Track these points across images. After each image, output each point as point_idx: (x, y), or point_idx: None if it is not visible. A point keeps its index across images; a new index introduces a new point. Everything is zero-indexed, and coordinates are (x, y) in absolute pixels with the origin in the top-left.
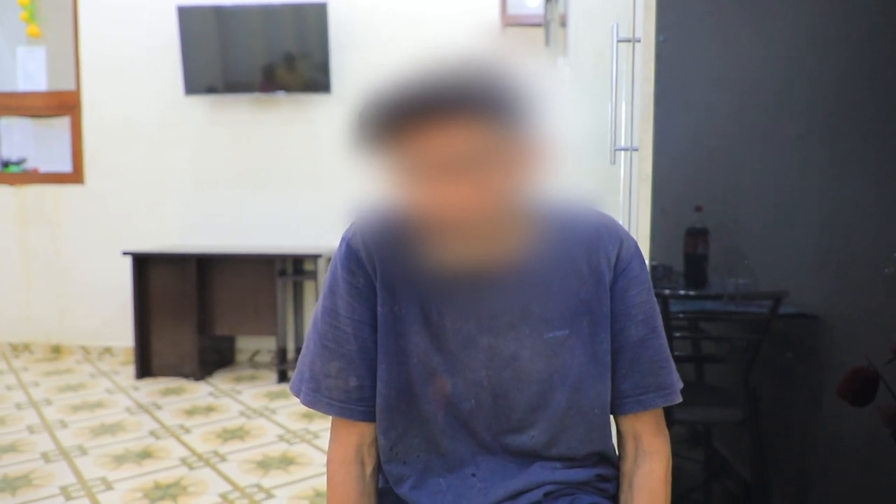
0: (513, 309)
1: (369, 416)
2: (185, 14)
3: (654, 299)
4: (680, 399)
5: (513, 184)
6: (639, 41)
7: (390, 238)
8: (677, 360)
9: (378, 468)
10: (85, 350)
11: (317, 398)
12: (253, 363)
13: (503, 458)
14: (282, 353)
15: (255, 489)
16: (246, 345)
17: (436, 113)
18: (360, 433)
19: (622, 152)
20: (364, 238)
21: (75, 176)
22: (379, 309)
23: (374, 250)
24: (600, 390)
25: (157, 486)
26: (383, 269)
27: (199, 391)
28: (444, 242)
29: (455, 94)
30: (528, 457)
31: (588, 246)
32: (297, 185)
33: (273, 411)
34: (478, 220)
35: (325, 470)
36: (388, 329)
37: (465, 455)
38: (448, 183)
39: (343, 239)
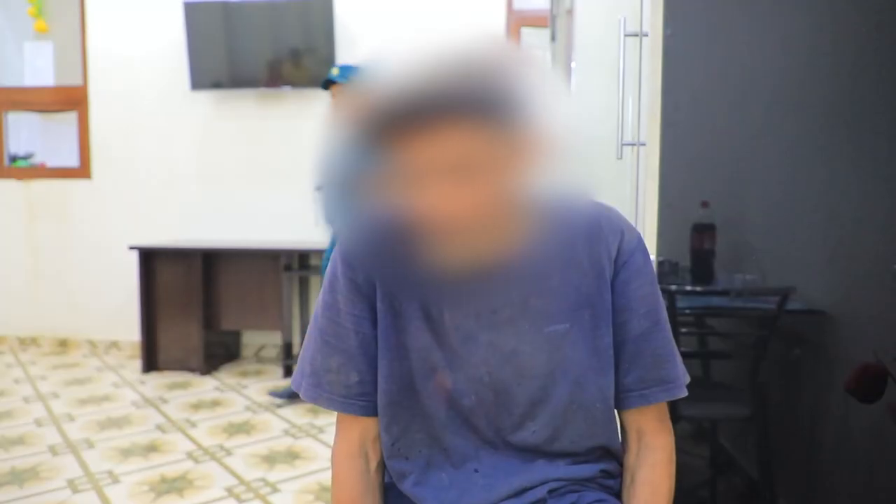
0: (512, 304)
1: (371, 411)
2: (191, 9)
3: (659, 292)
4: (685, 393)
5: (513, 183)
6: (646, 35)
7: (390, 234)
8: (683, 356)
9: (383, 463)
10: (92, 344)
11: (318, 393)
12: (258, 358)
13: (506, 454)
14: (287, 348)
15: (261, 483)
16: (252, 339)
17: (434, 116)
18: (364, 428)
19: (629, 147)
20: (363, 234)
21: (82, 170)
22: (378, 304)
23: (373, 246)
24: (602, 385)
25: (164, 480)
26: (383, 264)
27: (205, 385)
28: (445, 244)
29: (453, 97)
30: (531, 452)
31: (589, 239)
32: (303, 180)
33: (278, 406)
34: (479, 222)
35: (330, 464)
36: (389, 325)
37: (467, 450)
38: (448, 186)
39: (343, 235)
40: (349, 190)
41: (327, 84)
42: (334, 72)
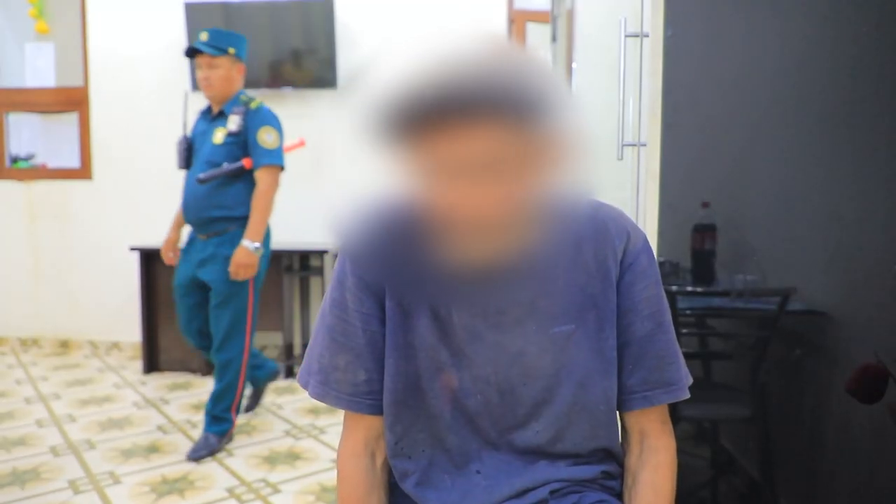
0: (520, 304)
1: (378, 410)
2: (192, 10)
3: (663, 294)
4: (688, 395)
5: (535, 183)
6: (647, 36)
7: (399, 232)
8: (684, 357)
9: None
10: (93, 345)
11: (325, 391)
12: None
13: (508, 456)
14: (288, 349)
15: (262, 484)
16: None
17: (459, 114)
18: (369, 426)
19: (629, 148)
20: (372, 231)
21: (83, 171)
22: (387, 303)
23: (382, 244)
24: (606, 387)
25: (165, 481)
26: (391, 263)
27: (206, 386)
28: (461, 241)
29: (482, 97)
30: (533, 454)
31: (595, 240)
32: (304, 181)
33: (280, 406)
34: (499, 221)
35: (331, 465)
36: (397, 323)
37: (470, 451)
38: (471, 184)
39: (351, 232)
40: None
41: (193, 52)
42: (203, 37)
